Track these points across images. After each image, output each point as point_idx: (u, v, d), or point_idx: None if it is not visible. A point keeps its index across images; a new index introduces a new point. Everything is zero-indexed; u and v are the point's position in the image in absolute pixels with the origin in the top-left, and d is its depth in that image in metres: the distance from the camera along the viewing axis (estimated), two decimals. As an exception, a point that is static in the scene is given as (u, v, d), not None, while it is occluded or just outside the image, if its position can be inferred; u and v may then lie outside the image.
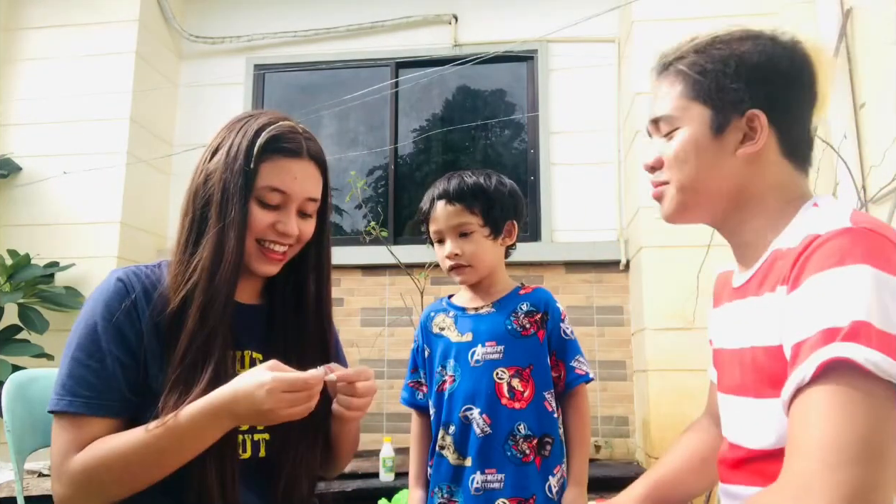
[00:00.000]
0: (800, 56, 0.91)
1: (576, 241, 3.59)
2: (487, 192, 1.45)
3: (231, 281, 1.01)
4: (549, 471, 1.40)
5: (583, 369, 1.46)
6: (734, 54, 0.90)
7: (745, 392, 0.87)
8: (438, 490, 1.43)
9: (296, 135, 1.06)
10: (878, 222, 0.78)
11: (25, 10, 3.80)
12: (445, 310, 1.53)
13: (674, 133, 0.93)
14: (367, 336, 3.57)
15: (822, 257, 0.74)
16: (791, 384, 0.71)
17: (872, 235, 0.74)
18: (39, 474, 2.68)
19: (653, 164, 0.96)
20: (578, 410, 1.45)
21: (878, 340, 0.67)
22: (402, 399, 1.59)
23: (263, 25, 4.03)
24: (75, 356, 0.97)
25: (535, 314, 1.46)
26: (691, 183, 0.91)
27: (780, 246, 0.85)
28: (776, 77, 0.89)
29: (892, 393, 0.67)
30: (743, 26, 0.94)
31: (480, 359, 1.42)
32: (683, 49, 0.94)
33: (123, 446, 0.92)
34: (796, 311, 0.75)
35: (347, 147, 3.98)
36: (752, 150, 0.88)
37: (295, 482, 1.07)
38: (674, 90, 0.93)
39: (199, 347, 0.97)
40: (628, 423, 3.39)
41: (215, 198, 1.02)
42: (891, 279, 0.71)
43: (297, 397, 0.91)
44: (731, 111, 0.89)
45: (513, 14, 3.86)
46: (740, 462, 0.88)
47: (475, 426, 1.39)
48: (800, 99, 0.91)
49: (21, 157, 3.57)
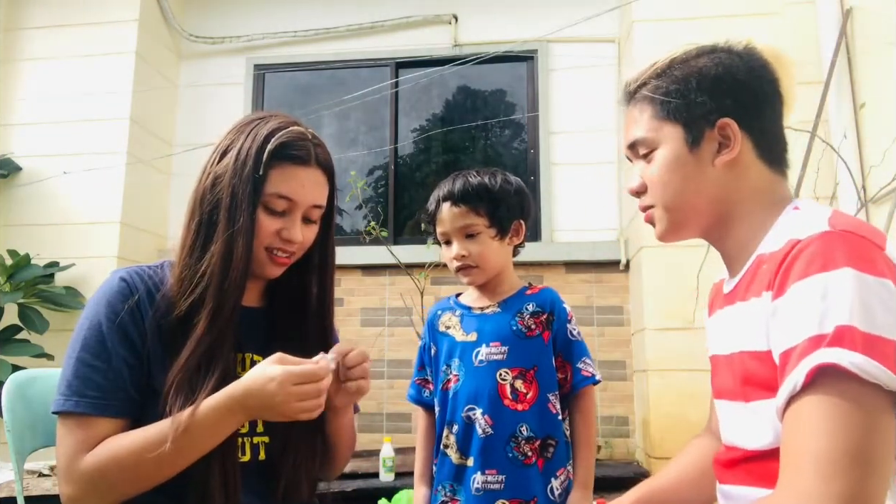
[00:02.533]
0: (757, 61, 0.94)
1: (576, 241, 3.59)
2: (492, 192, 1.44)
3: (240, 287, 1.01)
4: (551, 473, 1.39)
5: (589, 371, 1.45)
6: (693, 71, 0.93)
7: (737, 397, 0.88)
8: (441, 488, 1.43)
9: (305, 141, 1.06)
10: (857, 223, 0.79)
11: (25, 10, 3.80)
12: (452, 308, 1.53)
13: (652, 155, 0.95)
14: (367, 336, 3.57)
15: (805, 263, 0.75)
16: (783, 393, 0.72)
17: (852, 237, 0.75)
18: (39, 474, 2.68)
19: (637, 188, 0.99)
20: (584, 412, 1.44)
21: (864, 343, 0.68)
22: (409, 396, 1.59)
23: (263, 25, 4.03)
24: (80, 356, 0.97)
25: (541, 315, 1.45)
26: (677, 201, 0.94)
27: (763, 251, 0.87)
28: (737, 85, 0.91)
29: (880, 395, 0.68)
30: (697, 44, 0.97)
31: (484, 359, 1.42)
32: (645, 76, 0.97)
33: (135, 445, 0.92)
34: (783, 319, 0.76)
35: (347, 147, 3.98)
36: (729, 156, 0.91)
37: (295, 484, 1.07)
38: (644, 115, 0.96)
39: (205, 352, 0.97)
40: (628, 423, 3.39)
41: (224, 203, 1.01)
42: (873, 280, 0.71)
43: (307, 390, 0.92)
44: (702, 124, 0.91)
45: (513, 14, 3.87)
46: (735, 462, 0.89)
47: (477, 426, 1.39)
48: (765, 102, 0.93)
49: (21, 157, 3.57)
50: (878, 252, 0.75)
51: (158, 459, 0.91)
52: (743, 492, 0.86)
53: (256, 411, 0.93)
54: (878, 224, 2.52)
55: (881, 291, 0.71)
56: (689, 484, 1.09)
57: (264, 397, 0.91)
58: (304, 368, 0.93)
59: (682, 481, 1.10)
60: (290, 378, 0.91)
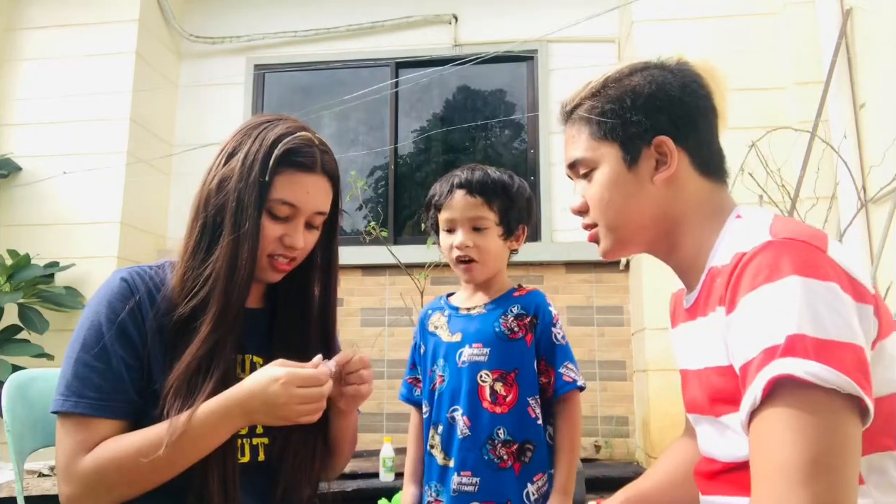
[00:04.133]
0: (689, 76, 0.95)
1: (576, 241, 3.58)
2: (509, 191, 1.44)
3: (244, 292, 1.01)
4: (528, 478, 1.37)
5: (571, 376, 1.41)
6: (627, 90, 0.93)
7: (707, 412, 0.89)
8: (428, 488, 1.43)
9: (312, 148, 1.05)
10: (798, 228, 0.79)
11: (25, 10, 3.80)
12: (441, 308, 1.52)
13: (591, 174, 0.96)
14: (367, 336, 3.57)
15: (751, 276, 0.75)
16: (745, 407, 0.73)
17: (794, 244, 0.75)
18: (39, 474, 2.68)
19: (579, 207, 0.99)
20: (566, 417, 1.42)
21: (815, 350, 0.68)
22: (401, 395, 1.59)
23: (263, 25, 4.03)
24: (80, 357, 0.97)
25: (525, 317, 1.43)
26: (618, 219, 0.94)
27: (714, 264, 0.88)
28: (671, 102, 0.92)
29: (838, 400, 0.68)
30: (630, 62, 0.98)
31: (466, 360, 1.41)
32: (580, 96, 0.98)
33: (133, 448, 0.93)
34: (737, 333, 0.77)
35: (347, 147, 3.98)
36: (667, 173, 0.91)
37: (295, 486, 1.07)
38: (581, 135, 0.97)
39: (206, 354, 0.97)
40: (628, 423, 3.39)
41: (229, 206, 1.01)
42: (818, 284, 0.72)
43: (309, 393, 0.92)
44: (638, 142, 0.92)
45: (513, 14, 3.87)
46: (715, 474, 0.90)
47: (457, 427, 1.39)
48: (700, 116, 0.94)
49: (21, 157, 3.57)
50: (821, 255, 0.75)
51: (155, 463, 0.91)
52: (726, 502, 0.87)
53: (257, 415, 0.93)
54: (879, 224, 2.52)
55: (827, 295, 0.71)
56: (675, 485, 1.10)
57: (267, 398, 0.91)
58: (308, 372, 0.93)
59: (668, 483, 1.11)
60: (293, 380, 0.91)
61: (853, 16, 2.80)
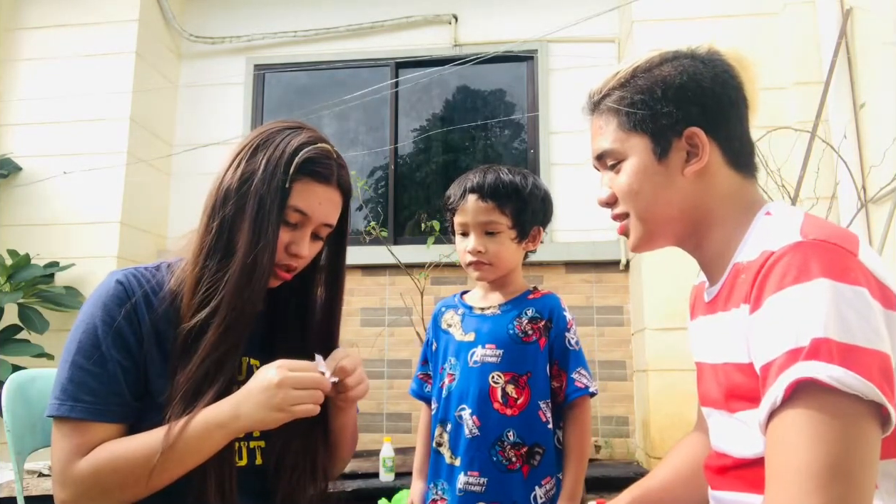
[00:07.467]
0: (721, 66, 0.92)
1: (576, 241, 3.59)
2: (522, 194, 1.42)
3: (258, 300, 1.00)
4: (536, 481, 1.37)
5: (583, 382, 1.41)
6: (657, 80, 0.91)
7: (722, 406, 0.88)
8: (433, 486, 1.43)
9: (330, 160, 1.05)
10: (829, 230, 0.78)
11: (25, 10, 3.80)
12: (455, 306, 1.52)
13: (620, 166, 0.94)
14: (367, 336, 3.57)
15: (779, 276, 0.74)
16: (765, 407, 0.72)
17: (825, 246, 0.74)
18: (39, 474, 2.68)
19: (607, 199, 0.97)
20: (576, 423, 1.41)
21: (840, 355, 0.67)
22: (411, 390, 1.58)
23: (263, 25, 4.03)
24: (76, 360, 0.96)
25: (539, 321, 1.42)
26: (649, 211, 0.93)
27: (740, 259, 0.86)
28: (702, 92, 0.90)
29: (860, 406, 0.67)
30: (660, 50, 0.95)
31: (479, 360, 1.41)
32: (608, 86, 0.95)
33: (129, 453, 0.92)
34: (761, 333, 0.76)
35: (347, 147, 3.97)
36: (699, 166, 0.89)
37: (294, 488, 1.07)
38: (609, 126, 0.94)
39: (215, 360, 0.97)
40: (628, 423, 3.39)
41: (250, 211, 0.99)
42: (847, 288, 0.71)
43: (305, 395, 0.93)
44: (669, 134, 0.90)
45: (513, 14, 3.87)
46: (726, 469, 0.89)
47: (465, 427, 1.39)
48: (731, 107, 0.91)
49: (21, 157, 3.57)
50: (852, 259, 0.74)
51: (150, 469, 0.91)
52: (736, 498, 0.86)
53: (253, 415, 0.92)
54: (879, 224, 2.52)
55: (856, 300, 0.70)
56: (683, 483, 1.09)
57: (263, 399, 0.92)
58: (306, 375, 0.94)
59: (676, 480, 1.10)
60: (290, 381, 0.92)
61: (853, 16, 2.80)
